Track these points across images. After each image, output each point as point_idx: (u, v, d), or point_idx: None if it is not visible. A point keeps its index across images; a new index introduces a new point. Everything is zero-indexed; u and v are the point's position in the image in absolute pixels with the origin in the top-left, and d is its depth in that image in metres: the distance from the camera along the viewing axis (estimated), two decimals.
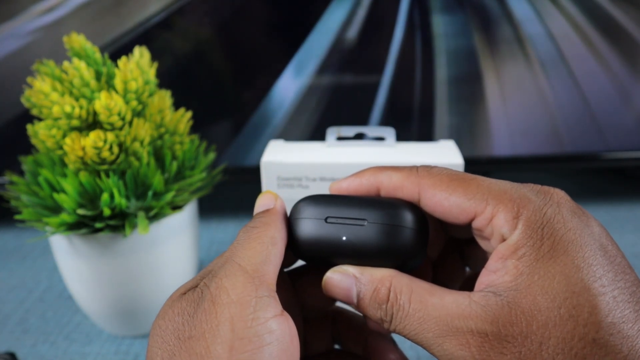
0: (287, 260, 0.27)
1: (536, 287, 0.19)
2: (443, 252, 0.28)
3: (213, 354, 0.19)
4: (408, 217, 0.22)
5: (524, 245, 0.19)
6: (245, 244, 0.22)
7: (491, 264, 0.20)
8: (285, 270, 0.28)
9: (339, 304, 0.29)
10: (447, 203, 0.22)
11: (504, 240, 0.20)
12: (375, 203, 0.23)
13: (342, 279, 0.22)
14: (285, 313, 0.20)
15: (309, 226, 0.23)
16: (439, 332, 0.19)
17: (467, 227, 0.22)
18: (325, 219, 0.23)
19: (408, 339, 0.21)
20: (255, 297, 0.20)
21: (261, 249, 0.22)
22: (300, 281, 0.28)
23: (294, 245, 0.23)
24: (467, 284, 0.28)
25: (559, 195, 0.21)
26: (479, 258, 0.27)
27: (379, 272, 0.22)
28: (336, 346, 0.30)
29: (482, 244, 0.23)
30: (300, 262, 0.28)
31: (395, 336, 0.41)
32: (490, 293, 0.19)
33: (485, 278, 0.20)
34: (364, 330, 0.28)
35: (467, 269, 0.29)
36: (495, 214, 0.20)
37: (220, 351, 0.19)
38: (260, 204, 0.25)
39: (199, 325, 0.19)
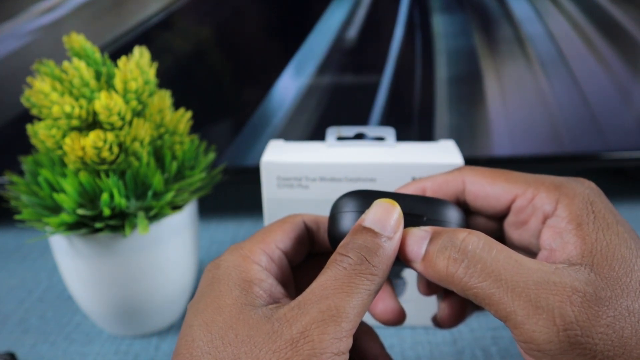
0: (300, 253, 0.26)
1: (606, 255, 0.19)
2: None
3: None
4: (460, 216, 0.24)
5: (577, 217, 0.21)
6: (351, 285, 0.19)
7: (549, 242, 0.21)
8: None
9: None
10: (491, 188, 0.24)
11: (545, 218, 0.22)
12: (427, 200, 0.24)
13: (418, 231, 0.21)
14: (347, 354, 0.19)
15: None
16: (532, 283, 0.18)
17: (499, 223, 0.25)
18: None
19: (473, 293, 0.19)
20: (336, 355, 0.18)
21: (365, 297, 0.20)
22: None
23: (338, 236, 0.23)
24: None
25: (590, 183, 0.23)
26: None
27: (462, 230, 0.21)
28: None
29: (515, 235, 0.24)
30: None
31: (392, 337, 0.41)
32: (568, 265, 0.20)
33: (547, 257, 0.21)
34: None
35: None
36: (537, 194, 0.22)
37: None
38: (378, 218, 0.21)
39: (256, 353, 0.18)
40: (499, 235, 0.26)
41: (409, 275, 0.40)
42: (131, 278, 0.38)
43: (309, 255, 0.27)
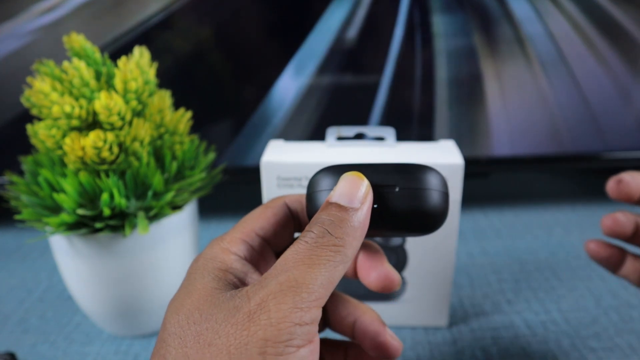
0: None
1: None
2: None
3: None
4: (436, 181, 0.22)
5: None
6: (313, 257, 0.19)
7: None
8: None
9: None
10: None
11: None
12: (399, 168, 0.22)
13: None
14: (317, 336, 0.19)
15: None
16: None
17: None
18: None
19: None
20: (297, 325, 0.18)
21: (329, 269, 0.19)
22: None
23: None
24: None
25: None
26: None
27: None
28: None
29: None
30: None
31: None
32: None
33: None
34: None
35: None
36: None
37: None
38: (345, 192, 0.21)
39: (225, 336, 0.18)
40: None
41: (409, 275, 0.40)
42: (131, 278, 0.38)
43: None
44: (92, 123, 0.35)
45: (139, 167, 0.36)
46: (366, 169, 0.22)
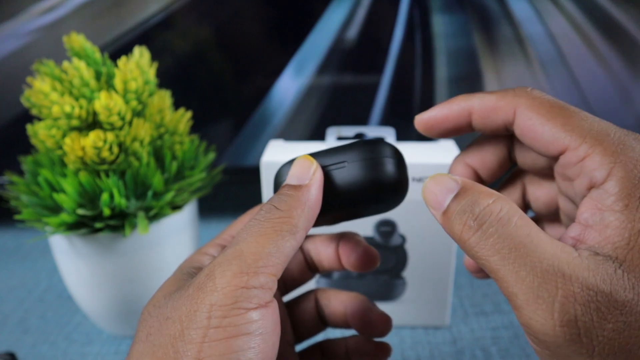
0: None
1: None
2: (503, 185, 0.27)
3: (186, 338, 0.19)
4: (384, 149, 0.22)
5: (626, 196, 0.17)
6: (260, 230, 0.20)
7: (586, 216, 0.18)
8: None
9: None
10: (542, 129, 0.20)
11: (591, 186, 0.18)
12: (350, 146, 0.23)
13: (448, 180, 0.20)
14: (273, 302, 0.20)
15: None
16: (540, 271, 0.17)
17: (549, 161, 0.21)
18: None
19: (483, 263, 0.18)
20: (243, 288, 0.19)
21: (276, 238, 0.20)
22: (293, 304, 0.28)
23: None
24: None
25: None
26: (541, 200, 0.25)
27: (483, 187, 0.20)
28: None
29: (562, 184, 0.21)
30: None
31: (392, 337, 0.41)
32: (596, 254, 0.17)
33: (577, 233, 0.18)
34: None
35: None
36: (590, 154, 0.19)
37: (194, 336, 0.18)
38: (295, 173, 0.22)
39: (179, 308, 0.19)
40: (548, 174, 0.24)
41: (409, 275, 0.40)
42: (131, 278, 0.38)
43: None
44: (92, 123, 0.35)
45: (139, 167, 0.36)
46: (320, 153, 0.23)
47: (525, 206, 0.25)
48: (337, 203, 0.23)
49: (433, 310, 0.41)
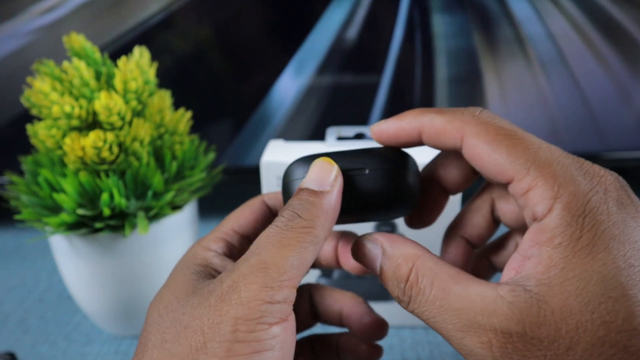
0: None
1: (570, 285, 0.17)
2: (472, 199, 0.26)
3: (209, 351, 0.18)
4: (406, 161, 0.23)
5: (561, 234, 0.17)
6: (283, 240, 0.20)
7: (525, 248, 0.19)
8: None
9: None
10: (488, 159, 0.20)
11: (534, 218, 0.19)
12: (368, 152, 0.23)
13: (371, 248, 0.21)
14: (292, 315, 0.20)
15: None
16: (460, 325, 0.18)
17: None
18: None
19: (426, 323, 0.20)
20: (268, 303, 0.19)
21: (299, 250, 0.20)
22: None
23: None
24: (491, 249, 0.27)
25: (609, 181, 0.18)
26: (509, 215, 0.25)
27: (407, 248, 0.21)
28: None
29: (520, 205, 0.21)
30: None
31: (392, 337, 0.41)
32: (519, 287, 0.18)
33: (517, 264, 0.19)
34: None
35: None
36: (533, 187, 0.18)
37: (217, 350, 0.18)
38: (315, 177, 0.22)
39: (200, 318, 0.19)
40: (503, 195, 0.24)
41: None
42: (131, 278, 0.38)
43: None
44: (92, 123, 0.35)
45: (139, 167, 0.36)
46: (337, 156, 0.23)
47: (495, 221, 0.25)
48: (350, 207, 0.22)
49: None
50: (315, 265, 0.28)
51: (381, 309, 0.41)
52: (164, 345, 0.19)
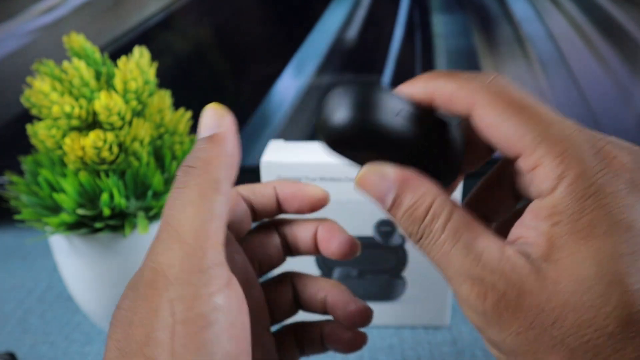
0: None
1: (564, 265, 0.17)
2: (492, 175, 0.25)
3: (154, 342, 0.17)
4: (458, 139, 0.22)
5: (560, 213, 0.17)
6: (185, 199, 0.19)
7: (526, 217, 0.19)
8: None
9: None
10: (496, 132, 0.19)
11: (539, 194, 0.18)
12: (427, 112, 0.21)
13: (380, 181, 0.20)
14: (233, 279, 0.19)
15: (374, 113, 0.20)
16: (462, 271, 0.18)
17: None
18: (395, 114, 0.20)
19: (430, 260, 0.20)
20: (198, 273, 0.18)
21: (201, 202, 0.19)
22: (249, 239, 0.27)
23: (337, 127, 0.20)
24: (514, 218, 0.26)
25: (623, 161, 0.18)
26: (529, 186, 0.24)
27: (424, 184, 0.20)
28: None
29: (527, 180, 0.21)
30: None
31: (392, 337, 0.41)
32: (523, 253, 0.18)
33: (520, 230, 0.19)
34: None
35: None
36: (540, 164, 0.18)
37: (162, 337, 0.17)
38: (204, 124, 0.21)
39: (139, 311, 0.18)
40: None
41: (409, 275, 0.40)
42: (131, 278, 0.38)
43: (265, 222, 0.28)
44: (92, 123, 0.35)
45: (139, 167, 0.36)
46: (399, 99, 0.21)
47: (515, 196, 0.24)
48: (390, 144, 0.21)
49: (433, 310, 0.41)
50: (293, 253, 0.28)
51: (381, 308, 0.41)
52: (117, 345, 0.18)
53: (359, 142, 0.20)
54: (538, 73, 0.53)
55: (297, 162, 0.36)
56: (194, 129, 0.44)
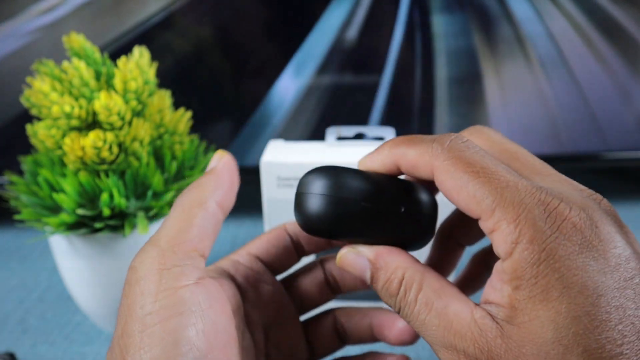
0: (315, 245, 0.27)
1: (526, 329, 0.18)
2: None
3: (127, 333, 0.19)
4: (431, 206, 0.23)
5: (519, 277, 0.18)
6: (171, 214, 0.22)
7: (494, 279, 0.19)
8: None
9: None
10: (457, 195, 0.20)
11: (499, 257, 0.19)
12: (401, 186, 0.22)
13: (356, 260, 0.22)
14: (207, 280, 0.21)
15: (341, 206, 0.21)
16: (437, 339, 0.19)
17: None
18: (361, 201, 0.21)
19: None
20: (164, 269, 0.20)
21: (183, 216, 0.21)
22: (293, 282, 0.28)
23: (310, 218, 0.22)
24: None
25: (573, 222, 0.18)
26: None
27: (394, 259, 0.21)
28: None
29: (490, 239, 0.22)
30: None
31: None
32: (488, 317, 0.19)
33: (489, 290, 0.20)
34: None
35: None
36: (497, 228, 0.18)
37: (133, 329, 0.19)
38: (208, 165, 0.25)
39: (120, 308, 0.20)
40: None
41: None
42: None
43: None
44: (92, 123, 0.35)
45: (139, 167, 0.36)
46: (364, 181, 0.22)
47: None
48: (362, 234, 0.22)
49: None
50: (341, 290, 0.28)
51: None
52: (113, 342, 0.20)
53: (332, 234, 0.22)
54: (538, 73, 0.53)
55: (297, 162, 0.36)
56: (193, 129, 0.44)
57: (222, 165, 0.24)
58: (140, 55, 0.37)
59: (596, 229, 0.18)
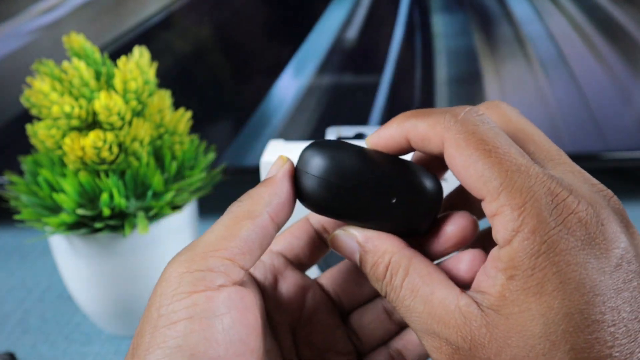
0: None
1: (513, 320, 0.17)
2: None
3: (141, 333, 0.19)
4: (433, 192, 0.22)
5: (515, 267, 0.17)
6: (219, 220, 0.21)
7: (488, 265, 0.19)
8: None
9: None
10: (464, 172, 0.19)
11: (497, 243, 0.19)
12: (399, 171, 0.22)
13: (347, 241, 0.22)
14: (230, 287, 0.19)
15: (332, 191, 0.21)
16: (421, 325, 0.19)
17: None
18: (351, 189, 0.21)
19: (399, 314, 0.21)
20: (186, 272, 0.19)
21: (229, 224, 0.20)
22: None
23: (304, 196, 0.22)
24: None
25: (579, 217, 0.17)
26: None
27: (383, 243, 0.21)
28: None
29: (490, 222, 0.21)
30: None
31: None
32: (474, 305, 0.18)
33: (482, 277, 0.19)
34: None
35: None
36: (500, 212, 0.18)
37: (146, 329, 0.19)
38: (268, 171, 0.23)
39: (144, 312, 0.20)
40: None
41: None
42: (131, 278, 0.38)
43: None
44: (92, 123, 0.35)
45: (139, 167, 0.36)
46: (360, 165, 0.21)
47: None
48: (361, 216, 0.22)
49: None
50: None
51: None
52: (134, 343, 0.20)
53: (327, 214, 0.22)
54: (538, 73, 0.53)
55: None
56: (194, 129, 0.44)
57: (281, 174, 0.22)
58: (140, 55, 0.37)
59: (602, 227, 0.17)
